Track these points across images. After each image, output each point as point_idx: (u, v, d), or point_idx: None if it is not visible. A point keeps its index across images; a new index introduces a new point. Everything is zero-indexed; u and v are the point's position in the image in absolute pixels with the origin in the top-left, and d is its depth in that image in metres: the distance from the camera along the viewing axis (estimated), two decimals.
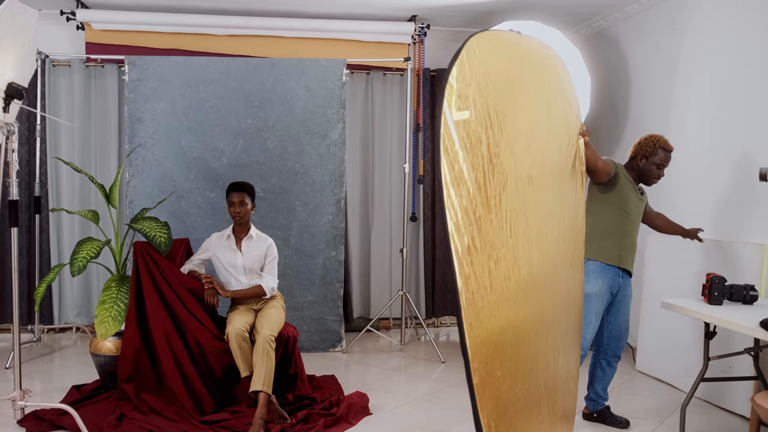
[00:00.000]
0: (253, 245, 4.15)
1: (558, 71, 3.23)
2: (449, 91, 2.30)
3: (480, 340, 2.28)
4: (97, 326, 4.09)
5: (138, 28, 5.75)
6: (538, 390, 2.74)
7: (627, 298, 3.86)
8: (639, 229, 3.87)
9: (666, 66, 5.04)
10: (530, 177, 2.70)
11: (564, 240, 3.00)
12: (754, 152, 4.14)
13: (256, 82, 5.32)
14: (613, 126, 5.77)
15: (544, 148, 2.89)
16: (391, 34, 6.02)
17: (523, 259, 2.60)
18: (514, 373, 2.51)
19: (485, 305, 2.33)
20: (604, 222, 3.75)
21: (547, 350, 2.82)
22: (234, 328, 3.83)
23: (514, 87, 2.69)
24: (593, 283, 3.71)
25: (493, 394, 2.34)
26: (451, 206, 2.23)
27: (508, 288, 2.48)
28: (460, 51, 2.37)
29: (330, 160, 5.38)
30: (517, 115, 2.65)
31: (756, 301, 3.48)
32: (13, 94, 3.32)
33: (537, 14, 5.57)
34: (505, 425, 2.41)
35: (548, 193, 2.91)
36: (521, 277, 2.57)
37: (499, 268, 2.43)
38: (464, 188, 2.28)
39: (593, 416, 3.97)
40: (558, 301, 2.98)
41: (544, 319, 2.81)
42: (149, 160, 5.23)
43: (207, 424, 3.78)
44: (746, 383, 4.00)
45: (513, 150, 2.58)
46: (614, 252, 3.75)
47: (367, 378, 4.80)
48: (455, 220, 2.23)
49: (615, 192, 3.75)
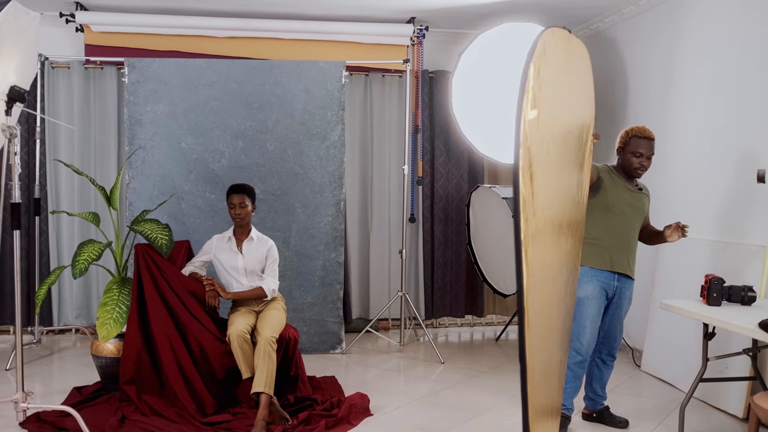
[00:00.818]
0: (253, 247, 4.16)
1: (588, 73, 3.35)
2: (527, 90, 2.39)
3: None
4: (99, 328, 4.10)
5: (137, 30, 5.76)
6: (545, 370, 2.78)
7: (623, 301, 3.84)
8: (638, 229, 3.84)
9: (664, 68, 5.07)
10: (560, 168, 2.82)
11: (573, 235, 3.04)
12: (754, 153, 4.16)
13: (255, 84, 5.33)
14: (611, 128, 5.78)
15: (569, 142, 2.97)
16: (390, 36, 6.03)
17: (550, 239, 2.68)
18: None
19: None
20: (592, 227, 3.72)
21: (548, 338, 2.85)
22: (235, 330, 3.84)
23: (563, 82, 2.83)
24: (585, 288, 3.70)
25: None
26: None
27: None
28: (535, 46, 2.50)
29: (329, 162, 5.40)
30: (557, 111, 2.75)
31: (754, 302, 3.50)
32: (16, 97, 3.32)
33: (535, 16, 5.60)
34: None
35: (567, 184, 2.95)
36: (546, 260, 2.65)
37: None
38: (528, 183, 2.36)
39: (592, 416, 3.99)
40: (560, 296, 3.01)
41: (550, 312, 2.84)
42: (149, 162, 5.24)
43: (209, 425, 3.79)
44: (741, 384, 4.03)
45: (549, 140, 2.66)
46: (605, 256, 3.72)
47: (367, 379, 4.82)
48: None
49: (600, 196, 3.72)
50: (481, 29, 5.54)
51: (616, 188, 3.75)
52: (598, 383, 3.95)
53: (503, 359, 5.31)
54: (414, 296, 6.32)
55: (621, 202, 3.74)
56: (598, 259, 3.72)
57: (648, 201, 3.89)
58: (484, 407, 4.21)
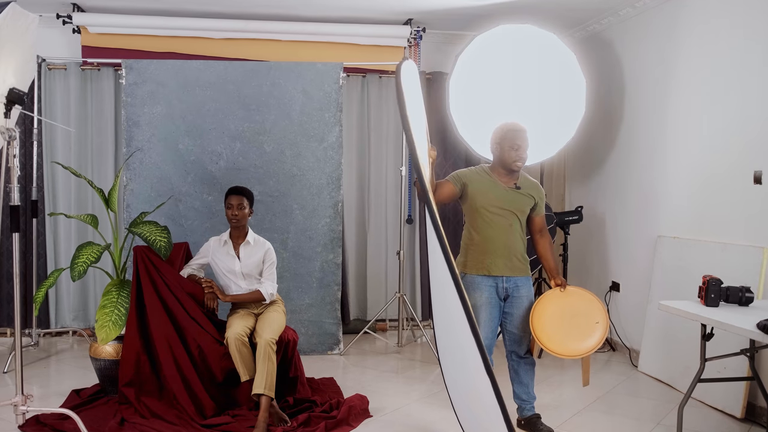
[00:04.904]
0: (250, 251, 4.16)
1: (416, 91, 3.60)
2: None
3: None
4: (98, 331, 4.10)
5: (134, 31, 5.75)
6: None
7: (520, 299, 3.72)
8: (517, 228, 3.70)
9: (660, 69, 5.09)
10: None
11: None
12: (751, 155, 4.18)
13: (253, 86, 5.33)
14: (608, 129, 5.81)
15: None
16: (387, 38, 6.05)
17: None
18: None
19: None
20: (468, 232, 3.73)
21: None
22: (233, 333, 3.84)
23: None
24: (473, 296, 3.67)
25: None
26: None
27: None
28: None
29: (327, 163, 5.40)
30: None
31: (752, 303, 3.52)
32: (15, 99, 3.33)
33: (532, 17, 5.62)
34: None
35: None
36: None
37: None
38: None
39: (521, 424, 3.88)
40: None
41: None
42: (146, 164, 5.23)
43: (208, 427, 3.80)
44: (739, 384, 4.05)
45: None
46: (482, 261, 3.67)
47: (365, 380, 4.82)
48: None
49: (468, 202, 3.69)
50: (478, 31, 5.54)
51: (485, 189, 3.66)
52: (519, 386, 3.85)
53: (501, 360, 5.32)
54: (411, 297, 6.33)
55: (491, 203, 3.65)
56: (477, 264, 3.68)
57: (532, 200, 3.75)
58: None
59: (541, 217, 3.84)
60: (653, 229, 5.13)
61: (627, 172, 5.52)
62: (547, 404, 4.22)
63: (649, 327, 5.00)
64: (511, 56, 5.31)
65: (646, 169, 5.25)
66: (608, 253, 5.82)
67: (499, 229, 3.66)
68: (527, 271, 3.77)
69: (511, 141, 3.66)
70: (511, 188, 3.69)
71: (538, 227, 3.85)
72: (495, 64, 5.31)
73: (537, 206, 3.78)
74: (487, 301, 3.68)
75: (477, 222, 3.69)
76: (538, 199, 3.78)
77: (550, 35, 5.35)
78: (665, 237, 4.94)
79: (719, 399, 4.21)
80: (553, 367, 5.14)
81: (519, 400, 3.88)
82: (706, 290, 3.50)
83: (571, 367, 5.22)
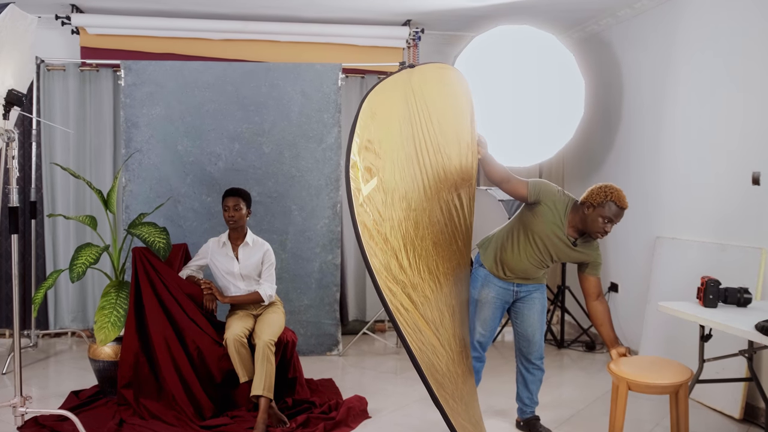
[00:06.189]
0: (249, 252, 4.16)
1: (456, 89, 3.70)
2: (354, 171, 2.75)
3: None
4: (97, 332, 4.10)
5: (133, 32, 5.75)
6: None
7: (532, 302, 3.70)
8: (545, 264, 3.61)
9: (658, 70, 5.10)
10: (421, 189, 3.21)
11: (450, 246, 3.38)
12: (749, 155, 4.19)
13: (251, 87, 5.33)
14: (606, 130, 5.82)
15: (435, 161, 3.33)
16: (386, 39, 6.05)
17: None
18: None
19: None
20: (499, 235, 3.69)
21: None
22: (232, 334, 3.84)
23: (389, 119, 3.12)
24: (479, 290, 3.68)
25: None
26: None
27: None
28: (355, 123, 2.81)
29: (326, 164, 5.41)
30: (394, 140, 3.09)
31: (750, 304, 3.53)
32: (13, 101, 3.33)
33: (530, 18, 5.62)
34: None
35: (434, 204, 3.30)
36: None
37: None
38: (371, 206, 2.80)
39: (520, 424, 3.90)
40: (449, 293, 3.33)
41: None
42: (145, 165, 5.23)
43: (207, 428, 3.80)
44: (737, 385, 4.06)
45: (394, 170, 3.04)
46: (496, 265, 3.65)
47: (364, 381, 4.82)
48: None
49: (531, 216, 3.53)
50: (477, 32, 5.56)
51: (550, 222, 3.49)
52: (524, 390, 3.84)
53: (499, 360, 5.33)
54: None
55: (542, 238, 3.52)
56: (494, 266, 3.66)
57: (582, 256, 3.58)
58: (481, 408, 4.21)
59: (598, 278, 3.61)
60: (652, 230, 5.13)
61: (626, 173, 5.53)
62: (547, 404, 4.23)
63: (648, 328, 5.00)
64: (509, 57, 5.31)
65: (645, 169, 5.26)
66: (607, 254, 5.82)
67: (530, 257, 3.58)
68: (542, 281, 3.74)
69: (610, 215, 3.37)
70: (569, 240, 3.52)
71: (594, 290, 3.60)
72: (494, 65, 5.31)
73: (591, 265, 3.60)
74: (494, 300, 3.69)
75: (518, 235, 3.59)
76: (593, 260, 3.59)
77: (548, 36, 5.36)
78: (664, 238, 4.95)
79: (718, 400, 4.21)
80: (553, 367, 5.14)
81: (521, 403, 3.89)
82: (704, 291, 3.51)
83: (570, 368, 5.23)
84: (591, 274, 3.60)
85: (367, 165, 2.81)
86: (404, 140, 3.14)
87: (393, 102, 3.15)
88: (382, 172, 2.91)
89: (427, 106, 3.33)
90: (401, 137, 3.12)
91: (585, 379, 4.95)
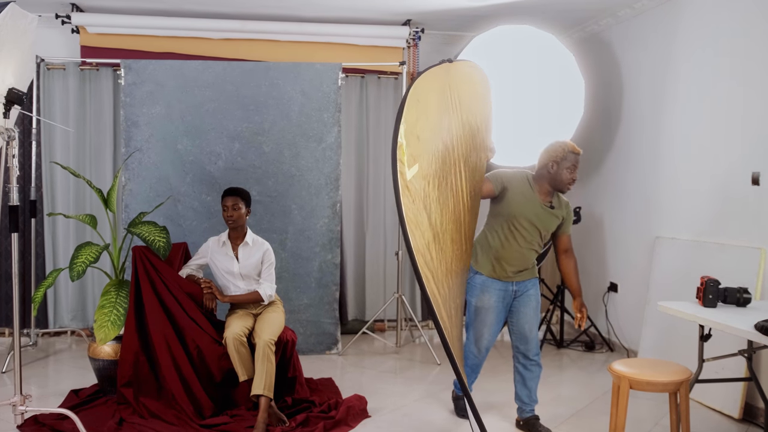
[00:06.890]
0: (249, 252, 4.16)
1: (480, 89, 3.76)
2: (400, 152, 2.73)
3: None
4: (97, 331, 4.10)
5: (133, 31, 5.75)
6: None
7: (528, 299, 3.78)
8: (537, 244, 3.72)
9: (658, 70, 5.10)
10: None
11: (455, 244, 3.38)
12: (748, 155, 4.19)
13: (251, 86, 5.33)
14: (606, 130, 5.82)
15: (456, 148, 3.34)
16: (386, 38, 6.05)
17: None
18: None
19: None
20: (491, 234, 3.73)
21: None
22: (231, 333, 3.84)
23: (425, 109, 3.14)
24: (479, 297, 3.72)
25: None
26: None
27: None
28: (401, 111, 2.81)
29: (326, 164, 5.41)
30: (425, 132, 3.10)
31: (749, 304, 3.53)
32: (14, 99, 3.33)
33: (530, 18, 5.63)
34: None
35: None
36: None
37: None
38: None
39: (520, 424, 3.91)
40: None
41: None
42: (145, 164, 5.23)
43: (207, 427, 3.80)
44: (736, 385, 4.06)
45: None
46: (492, 266, 3.72)
47: (364, 380, 4.82)
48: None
49: (500, 207, 3.68)
50: (477, 32, 5.56)
51: (524, 200, 3.65)
52: (523, 389, 3.86)
53: (499, 360, 5.33)
54: (410, 297, 6.33)
55: (524, 216, 3.65)
56: (492, 269, 3.72)
57: (559, 220, 3.74)
58: (481, 409, 4.21)
59: (568, 236, 3.83)
60: (651, 230, 5.14)
61: (625, 173, 5.53)
62: (547, 404, 4.23)
63: (647, 328, 5.00)
64: (509, 57, 5.31)
65: (645, 169, 5.26)
66: (606, 254, 5.83)
67: (521, 242, 3.68)
68: (535, 274, 3.83)
69: (572, 162, 3.61)
70: (546, 206, 3.68)
71: (565, 246, 3.85)
72: (494, 65, 5.30)
73: (564, 224, 3.79)
74: (496, 305, 3.74)
75: (501, 229, 3.69)
76: (566, 218, 3.78)
77: (548, 36, 5.36)
78: (663, 238, 4.96)
79: (717, 400, 4.22)
80: (553, 366, 5.14)
81: (520, 402, 3.90)
82: (704, 291, 3.51)
83: (569, 367, 5.23)
84: (564, 232, 3.82)
85: (411, 151, 2.83)
86: (441, 131, 3.15)
87: (432, 93, 3.18)
88: (419, 159, 2.93)
89: (460, 103, 3.34)
90: (439, 128, 3.15)
91: (584, 378, 4.95)
